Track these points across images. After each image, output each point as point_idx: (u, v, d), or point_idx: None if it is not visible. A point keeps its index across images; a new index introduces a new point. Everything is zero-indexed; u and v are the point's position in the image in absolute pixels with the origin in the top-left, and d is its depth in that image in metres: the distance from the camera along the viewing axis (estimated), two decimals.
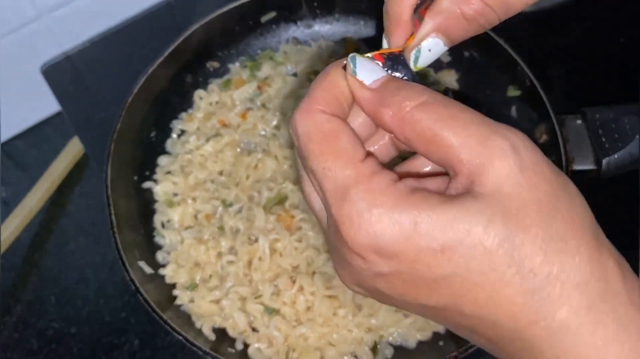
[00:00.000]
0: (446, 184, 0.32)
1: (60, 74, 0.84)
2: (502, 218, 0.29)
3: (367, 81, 0.34)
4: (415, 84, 0.33)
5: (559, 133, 0.62)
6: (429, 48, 0.36)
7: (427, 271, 0.30)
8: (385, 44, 0.39)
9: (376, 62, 0.35)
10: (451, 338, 0.61)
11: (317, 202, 0.35)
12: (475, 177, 0.30)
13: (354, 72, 0.34)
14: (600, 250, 0.31)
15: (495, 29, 0.68)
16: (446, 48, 0.37)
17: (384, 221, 0.30)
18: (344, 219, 0.31)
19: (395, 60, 0.36)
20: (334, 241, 0.33)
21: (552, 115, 0.63)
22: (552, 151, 0.64)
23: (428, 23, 0.36)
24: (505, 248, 0.29)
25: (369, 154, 0.33)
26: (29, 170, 0.88)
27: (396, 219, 0.30)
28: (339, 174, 0.31)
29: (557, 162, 0.62)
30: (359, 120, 0.36)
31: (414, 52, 0.36)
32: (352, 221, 0.31)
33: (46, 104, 0.88)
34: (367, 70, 0.34)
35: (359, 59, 0.34)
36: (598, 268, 0.30)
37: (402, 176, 0.33)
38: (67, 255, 0.80)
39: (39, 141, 0.91)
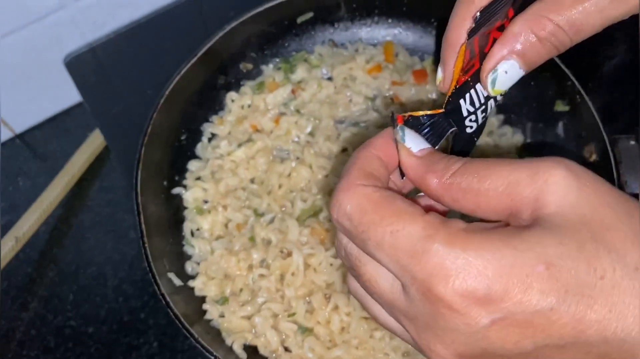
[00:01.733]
0: (502, 223, 0.32)
1: (83, 65, 0.82)
2: (584, 226, 0.29)
3: (414, 149, 0.35)
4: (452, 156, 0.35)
5: (611, 154, 0.60)
6: (505, 70, 0.37)
7: (540, 299, 0.28)
8: (439, 73, 0.40)
9: (418, 135, 0.36)
10: None
11: (384, 283, 0.32)
12: (536, 204, 0.30)
13: (403, 140, 0.35)
14: None
15: None
16: (522, 72, 0.38)
17: (480, 260, 0.28)
18: (435, 271, 0.28)
19: (415, 124, 0.37)
20: (424, 309, 0.30)
21: (605, 134, 0.60)
22: (602, 172, 0.61)
23: (503, 46, 0.37)
24: (601, 252, 0.28)
25: (427, 209, 0.32)
26: (49, 161, 0.86)
27: (492, 255, 0.28)
28: (410, 230, 0.30)
29: None
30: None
31: (490, 74, 0.37)
32: (444, 270, 0.28)
33: (67, 95, 0.86)
34: (414, 140, 0.35)
35: (407, 129, 0.36)
36: None
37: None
38: (85, 251, 0.78)
39: (59, 131, 0.88)
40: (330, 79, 0.74)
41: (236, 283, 0.62)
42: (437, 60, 0.75)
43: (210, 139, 0.72)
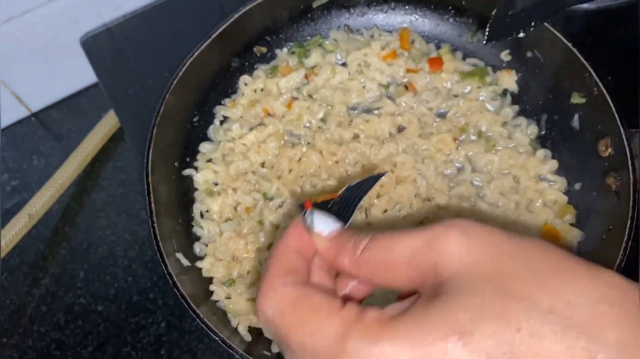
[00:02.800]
0: (417, 297, 0.32)
1: (99, 46, 0.83)
2: (487, 283, 0.29)
3: (324, 232, 0.36)
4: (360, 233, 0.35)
5: (627, 148, 0.58)
6: None
7: None
8: None
9: (329, 215, 0.37)
10: None
11: None
12: (437, 271, 0.30)
13: (312, 225, 0.36)
14: (609, 274, 0.30)
15: (562, 30, 0.64)
16: None
17: (394, 348, 0.28)
18: None
19: (324, 205, 0.38)
20: None
21: (621, 128, 0.59)
22: (617, 166, 0.60)
23: None
24: (510, 305, 0.28)
25: (345, 299, 0.33)
26: (63, 141, 0.87)
27: (404, 340, 0.29)
28: (327, 329, 0.30)
29: (623, 179, 0.59)
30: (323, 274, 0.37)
31: None
32: None
33: (83, 75, 0.87)
34: (324, 223, 0.36)
35: (315, 212, 0.37)
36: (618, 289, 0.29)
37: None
38: (97, 230, 0.79)
39: (74, 111, 0.89)
40: (344, 64, 0.74)
41: (243, 265, 0.62)
42: (454, 49, 0.75)
43: (222, 122, 0.72)
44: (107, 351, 0.72)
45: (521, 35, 0.41)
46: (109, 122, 0.84)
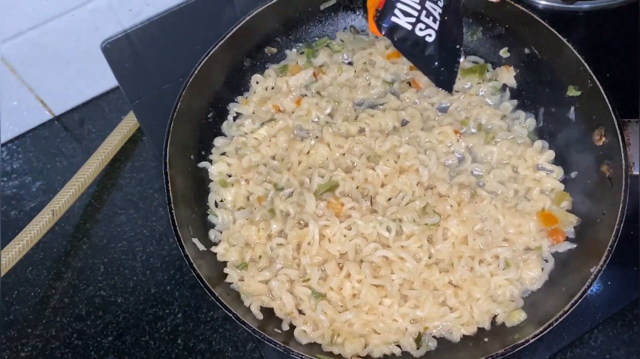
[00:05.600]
0: None
1: (118, 51, 0.86)
2: None
3: None
4: None
5: (620, 137, 0.61)
6: None
7: None
8: None
9: None
10: (496, 335, 0.61)
11: None
12: None
13: None
14: None
15: (558, 26, 0.67)
16: None
17: None
18: None
19: None
20: None
21: (614, 118, 0.62)
22: (610, 154, 0.63)
23: None
24: None
25: None
26: (84, 142, 0.91)
27: None
28: None
29: (616, 166, 0.61)
30: None
31: None
32: None
33: (103, 80, 0.91)
34: None
35: None
36: None
37: None
38: (117, 226, 0.83)
39: (94, 114, 0.93)
40: (350, 63, 0.77)
41: (255, 250, 0.66)
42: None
43: (235, 118, 0.76)
44: (127, 341, 0.75)
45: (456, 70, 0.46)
46: (127, 125, 0.87)
